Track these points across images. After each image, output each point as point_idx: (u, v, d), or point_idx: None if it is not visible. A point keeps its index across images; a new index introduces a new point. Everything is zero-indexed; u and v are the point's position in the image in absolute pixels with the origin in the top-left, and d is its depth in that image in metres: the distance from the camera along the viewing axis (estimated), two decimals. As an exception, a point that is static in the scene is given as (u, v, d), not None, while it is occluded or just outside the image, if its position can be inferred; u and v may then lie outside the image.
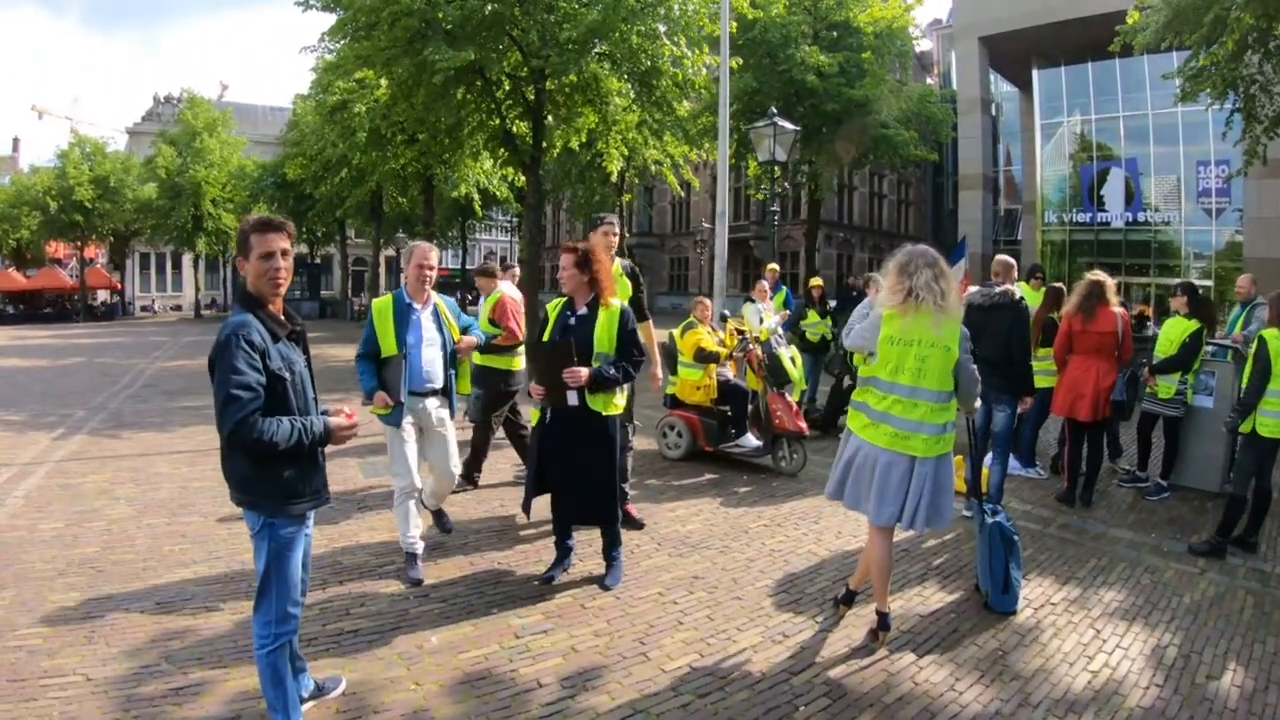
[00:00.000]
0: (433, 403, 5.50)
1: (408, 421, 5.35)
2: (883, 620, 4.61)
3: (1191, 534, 6.89)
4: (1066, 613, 5.21)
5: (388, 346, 5.28)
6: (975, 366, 4.59)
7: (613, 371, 4.98)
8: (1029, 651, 4.63)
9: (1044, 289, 9.17)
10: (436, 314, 5.54)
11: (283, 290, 3.28)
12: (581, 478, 5.15)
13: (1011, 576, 5.13)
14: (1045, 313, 8.46)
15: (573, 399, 4.98)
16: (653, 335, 6.63)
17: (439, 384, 5.51)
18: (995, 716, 3.91)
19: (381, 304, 5.41)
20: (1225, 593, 5.67)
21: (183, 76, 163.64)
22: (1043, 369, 7.95)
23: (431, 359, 5.45)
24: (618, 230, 6.23)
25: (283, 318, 3.31)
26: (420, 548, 5.47)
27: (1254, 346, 6.49)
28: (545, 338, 5.18)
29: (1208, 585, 5.79)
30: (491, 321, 7.22)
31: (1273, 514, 7.20)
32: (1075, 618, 5.13)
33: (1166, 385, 8.08)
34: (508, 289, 7.48)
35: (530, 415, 5.57)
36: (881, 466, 4.41)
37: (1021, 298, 7.00)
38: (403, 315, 5.36)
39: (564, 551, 5.46)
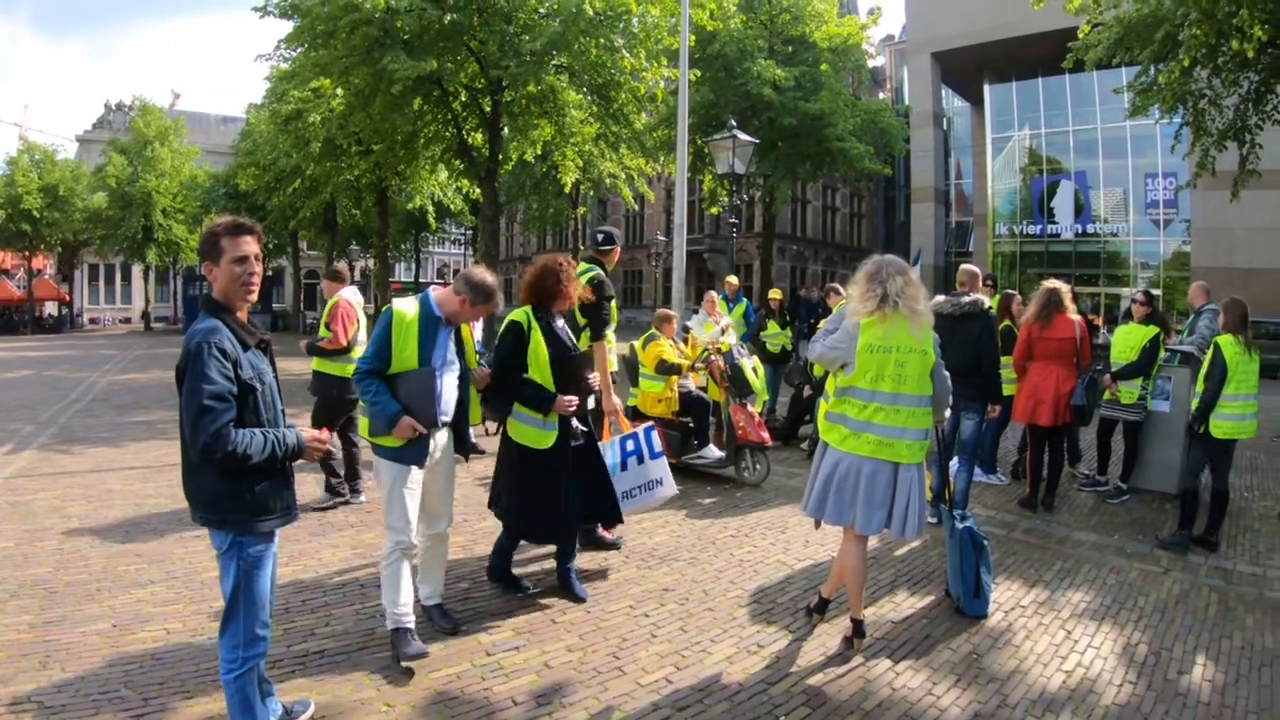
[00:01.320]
0: (440, 436, 4.61)
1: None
2: (858, 627, 4.66)
3: (1153, 535, 7.07)
4: (1037, 614, 5.32)
5: (405, 361, 4.35)
6: (947, 374, 4.64)
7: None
8: (1003, 653, 4.72)
9: (997, 297, 9.28)
10: (459, 336, 4.71)
11: (254, 296, 3.21)
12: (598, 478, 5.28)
13: (982, 580, 5.21)
14: (999, 320, 8.54)
15: (591, 403, 5.13)
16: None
17: (450, 416, 4.62)
18: (975, 718, 3.96)
19: (404, 309, 4.41)
20: (1190, 590, 5.85)
21: (135, 84, 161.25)
22: (1004, 377, 8.05)
23: (450, 385, 4.58)
24: None
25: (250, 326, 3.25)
26: (412, 621, 4.42)
27: (1210, 353, 6.77)
28: (541, 348, 4.94)
29: (1172, 584, 5.97)
30: (326, 325, 7.30)
31: (1231, 514, 7.45)
32: (1046, 619, 5.25)
33: (1129, 390, 8.24)
34: (348, 294, 7.54)
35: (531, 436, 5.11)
36: (866, 475, 4.42)
37: (989, 307, 7.09)
38: (430, 329, 4.43)
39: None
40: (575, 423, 5.07)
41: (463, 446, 4.84)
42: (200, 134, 57.70)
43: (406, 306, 4.40)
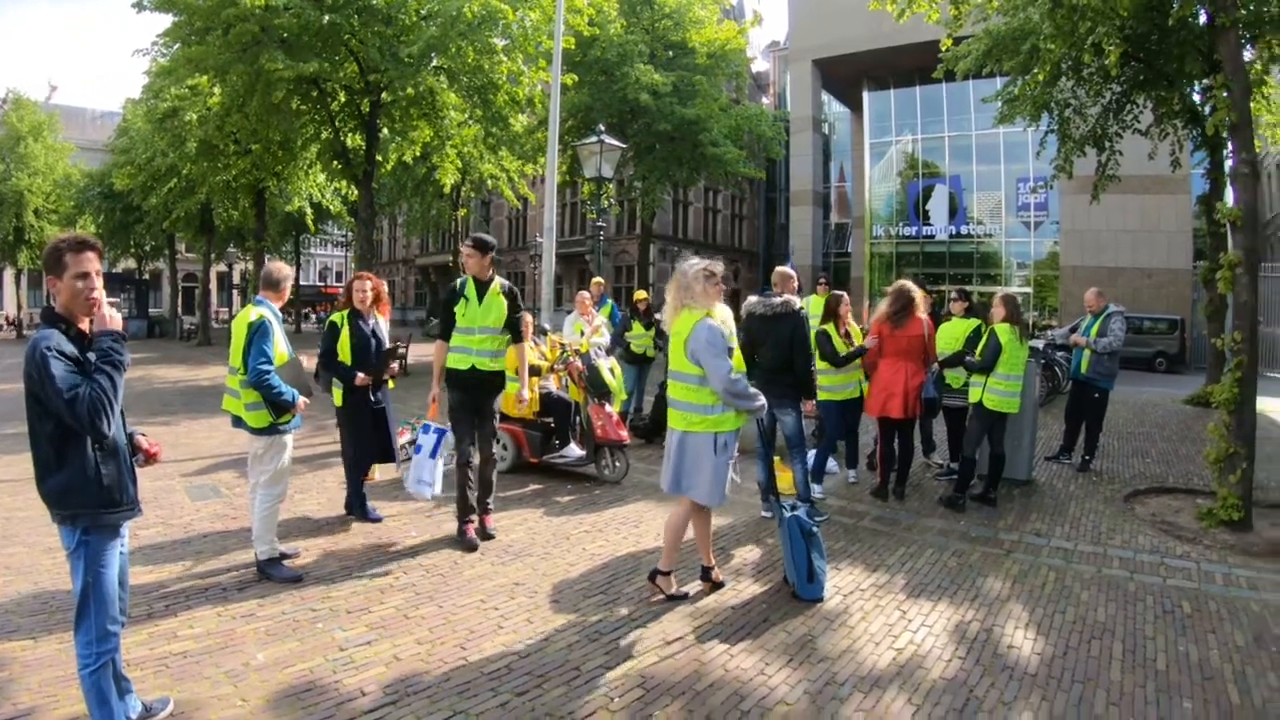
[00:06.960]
0: None
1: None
2: (653, 575, 5.59)
3: (999, 520, 7.51)
4: (874, 597, 5.61)
5: (280, 357, 5.74)
6: (721, 363, 5.08)
7: None
8: (836, 635, 4.99)
9: (825, 295, 9.77)
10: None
11: (94, 311, 3.40)
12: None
13: (815, 566, 5.48)
14: (825, 320, 8.42)
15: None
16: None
17: None
18: (803, 696, 4.20)
19: (268, 317, 5.76)
20: (1029, 570, 6.22)
21: (8, 74, 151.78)
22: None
23: None
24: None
25: (88, 338, 3.42)
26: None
27: (986, 337, 7.89)
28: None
29: (1012, 564, 6.35)
30: None
31: (1077, 496, 8.27)
32: (883, 601, 5.54)
33: (955, 376, 8.81)
34: None
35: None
36: (671, 442, 5.46)
37: (801, 307, 7.23)
38: (281, 326, 5.95)
39: None
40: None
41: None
42: (76, 129, 54.69)
43: (267, 314, 5.76)
